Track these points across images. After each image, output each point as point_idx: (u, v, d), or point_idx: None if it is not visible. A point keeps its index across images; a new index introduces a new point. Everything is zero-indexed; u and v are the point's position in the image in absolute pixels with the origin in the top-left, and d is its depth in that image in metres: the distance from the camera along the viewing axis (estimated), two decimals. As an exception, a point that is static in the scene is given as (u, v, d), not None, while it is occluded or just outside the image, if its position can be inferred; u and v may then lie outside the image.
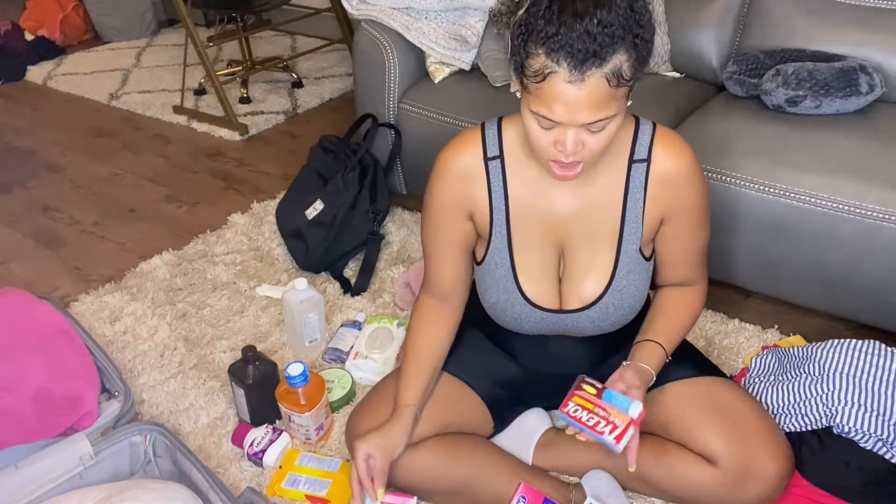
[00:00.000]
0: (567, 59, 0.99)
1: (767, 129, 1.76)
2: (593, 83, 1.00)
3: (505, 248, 1.28)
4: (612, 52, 0.99)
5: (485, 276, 1.32)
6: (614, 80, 1.01)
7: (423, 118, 2.10)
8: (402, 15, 2.11)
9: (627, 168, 1.22)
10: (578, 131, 1.06)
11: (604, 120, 1.04)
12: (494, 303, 1.32)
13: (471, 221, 1.30)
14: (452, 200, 1.29)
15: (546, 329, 1.33)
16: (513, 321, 1.32)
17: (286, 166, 2.68)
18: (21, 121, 3.21)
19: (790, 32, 1.94)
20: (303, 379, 1.47)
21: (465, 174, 1.27)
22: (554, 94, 1.02)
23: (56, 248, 2.30)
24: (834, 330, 1.78)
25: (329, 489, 1.42)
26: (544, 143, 1.09)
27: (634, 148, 1.22)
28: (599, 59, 0.99)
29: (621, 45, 1.00)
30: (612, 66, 1.00)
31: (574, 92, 1.01)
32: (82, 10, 4.07)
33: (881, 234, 1.54)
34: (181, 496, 1.24)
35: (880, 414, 1.29)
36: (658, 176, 1.22)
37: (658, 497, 1.34)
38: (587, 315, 1.28)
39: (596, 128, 1.06)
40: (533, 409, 1.49)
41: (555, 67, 1.00)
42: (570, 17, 0.98)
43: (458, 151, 1.28)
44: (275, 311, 1.93)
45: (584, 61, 0.99)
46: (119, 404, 1.47)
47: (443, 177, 1.28)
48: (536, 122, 1.08)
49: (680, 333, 1.33)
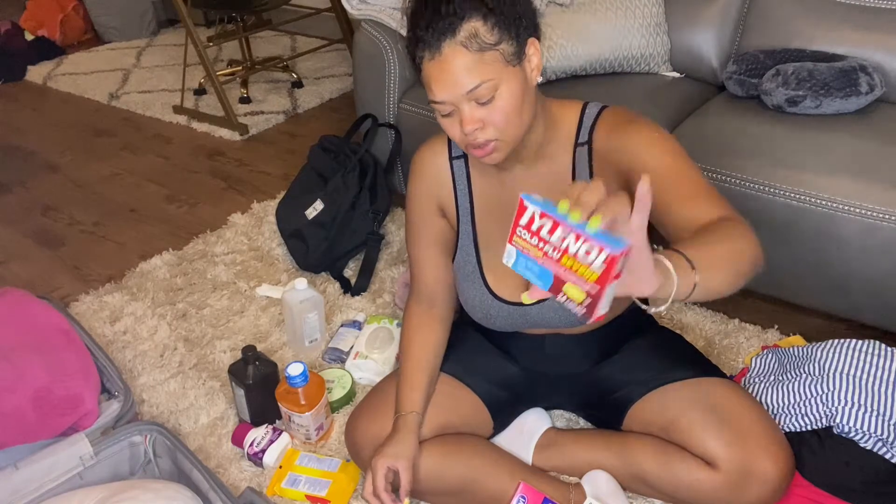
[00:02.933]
0: (426, 44, 1.07)
1: (767, 129, 1.76)
2: (450, 53, 1.06)
3: (471, 245, 1.32)
4: (461, 19, 1.05)
5: (457, 273, 1.35)
6: (473, 44, 1.05)
7: (423, 118, 2.10)
8: (402, 15, 2.10)
9: (573, 153, 1.23)
10: (471, 107, 1.09)
11: (481, 86, 1.06)
12: (466, 299, 1.35)
13: (444, 219, 1.35)
14: (426, 198, 1.34)
15: (518, 324, 1.33)
16: (483, 317, 1.34)
17: (286, 166, 2.68)
18: (21, 121, 3.21)
19: (790, 32, 1.94)
20: (303, 379, 1.47)
21: (434, 173, 1.33)
22: (428, 76, 1.09)
23: (56, 248, 2.30)
24: (834, 330, 1.78)
25: (329, 489, 1.42)
26: (455, 132, 1.13)
27: (579, 132, 1.23)
28: (450, 31, 1.05)
29: (471, 12, 1.05)
30: (466, 33, 1.05)
31: (438, 67, 1.07)
32: (82, 10, 4.08)
33: (881, 234, 1.54)
34: (181, 496, 1.24)
35: (880, 414, 1.29)
36: (600, 153, 1.20)
37: (658, 498, 1.34)
38: (547, 304, 1.27)
39: (483, 97, 1.07)
40: (533, 410, 1.50)
41: (421, 55, 1.08)
42: (425, 15, 1.07)
43: (428, 152, 1.34)
44: (275, 311, 1.93)
45: (438, 39, 1.06)
46: (119, 404, 1.47)
47: (416, 178, 1.35)
48: (437, 113, 1.12)
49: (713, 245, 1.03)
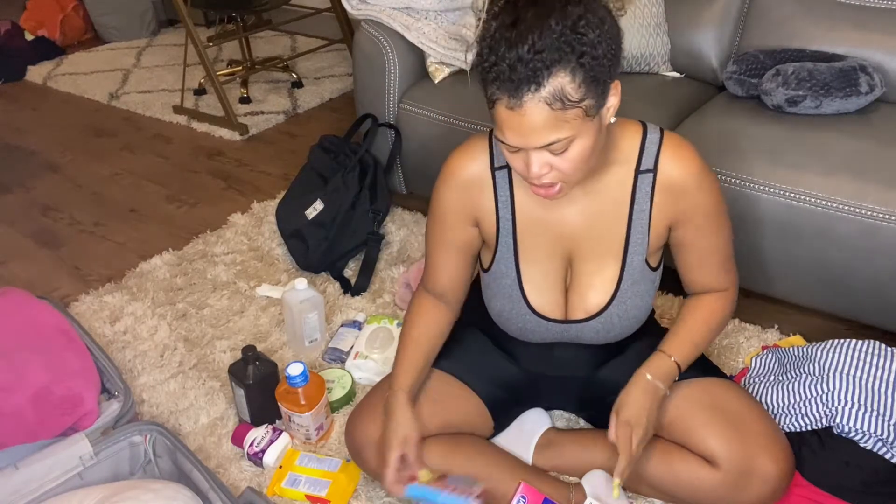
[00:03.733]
0: (504, 86, 0.99)
1: (767, 129, 1.76)
2: (532, 108, 0.99)
3: (511, 259, 1.28)
4: (548, 75, 0.97)
5: (491, 283, 1.32)
6: (557, 103, 0.99)
7: (423, 118, 2.10)
8: (402, 15, 2.11)
9: (634, 178, 1.21)
10: (540, 154, 1.05)
11: (558, 143, 1.03)
12: (500, 311, 1.32)
13: (476, 227, 1.31)
14: (458, 206, 1.29)
15: (551, 338, 1.33)
16: (518, 330, 1.33)
17: (286, 166, 2.68)
18: (21, 121, 3.21)
19: (790, 32, 1.94)
20: (303, 379, 1.47)
21: (472, 182, 1.27)
22: (501, 120, 1.03)
23: (56, 248, 2.30)
24: (834, 330, 1.78)
25: (329, 489, 1.42)
26: (518, 165, 1.10)
27: (641, 158, 1.21)
28: (535, 84, 0.97)
29: (559, 67, 0.97)
30: (552, 89, 0.98)
31: (516, 118, 1.01)
32: (82, 10, 4.07)
33: (881, 234, 1.54)
34: (181, 496, 1.24)
35: (880, 414, 1.29)
36: (664, 184, 1.21)
37: (658, 497, 1.34)
38: (591, 326, 1.29)
39: (556, 150, 1.04)
40: (533, 410, 1.50)
41: (498, 95, 1.01)
42: (506, 46, 0.98)
43: (465, 158, 1.27)
44: (275, 311, 1.93)
45: (519, 87, 0.98)
46: (119, 404, 1.47)
47: (449, 183, 1.28)
48: (504, 146, 1.08)
49: (700, 340, 1.31)
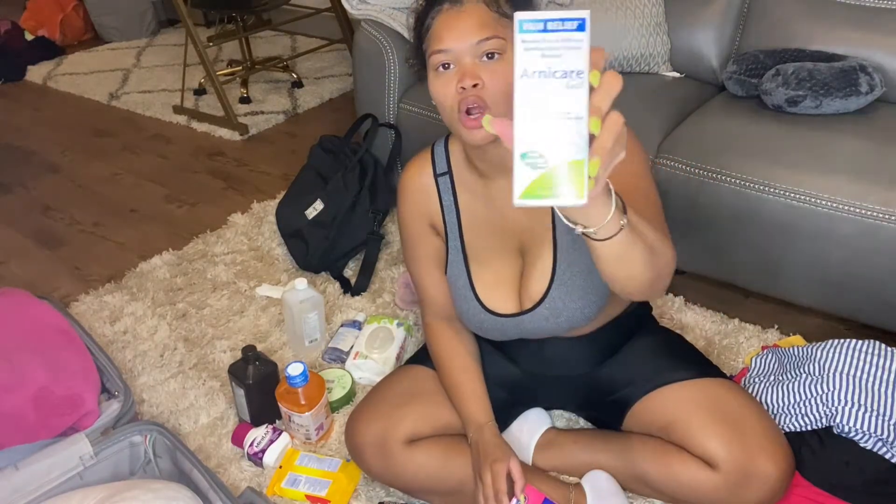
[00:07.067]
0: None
1: (767, 129, 1.76)
2: (471, 6, 1.08)
3: (461, 261, 1.30)
4: None
5: (451, 288, 1.35)
6: (493, 4, 1.08)
7: (423, 118, 2.10)
8: (402, 15, 2.11)
9: None
10: (473, 63, 1.08)
11: (492, 39, 1.06)
12: (460, 312, 1.34)
13: (438, 237, 1.34)
14: (416, 218, 1.34)
15: (510, 334, 1.31)
16: (477, 328, 1.34)
17: (286, 166, 2.68)
18: (21, 121, 3.21)
19: (790, 32, 1.94)
20: (303, 379, 1.47)
21: (421, 191, 1.33)
22: (439, 27, 1.10)
23: (56, 248, 2.30)
24: (834, 330, 1.78)
25: (329, 489, 1.42)
26: (449, 90, 1.09)
27: None
28: None
29: None
30: None
31: (455, 18, 1.08)
32: (82, 10, 4.08)
33: (881, 234, 1.54)
34: (181, 496, 1.23)
35: (880, 414, 1.29)
36: None
37: (658, 498, 1.34)
38: (539, 313, 1.26)
39: (490, 50, 1.07)
40: (533, 410, 1.50)
41: (438, 6, 1.10)
42: None
43: (412, 171, 1.34)
44: (275, 311, 1.93)
45: None
46: (119, 404, 1.47)
47: (404, 197, 1.35)
48: (435, 73, 1.11)
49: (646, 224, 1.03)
